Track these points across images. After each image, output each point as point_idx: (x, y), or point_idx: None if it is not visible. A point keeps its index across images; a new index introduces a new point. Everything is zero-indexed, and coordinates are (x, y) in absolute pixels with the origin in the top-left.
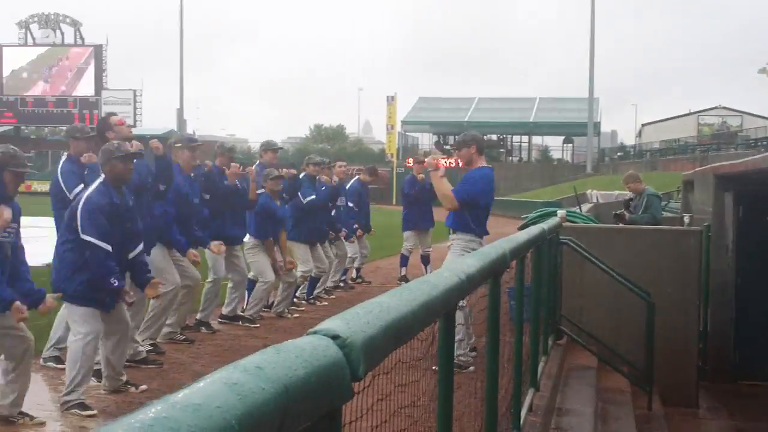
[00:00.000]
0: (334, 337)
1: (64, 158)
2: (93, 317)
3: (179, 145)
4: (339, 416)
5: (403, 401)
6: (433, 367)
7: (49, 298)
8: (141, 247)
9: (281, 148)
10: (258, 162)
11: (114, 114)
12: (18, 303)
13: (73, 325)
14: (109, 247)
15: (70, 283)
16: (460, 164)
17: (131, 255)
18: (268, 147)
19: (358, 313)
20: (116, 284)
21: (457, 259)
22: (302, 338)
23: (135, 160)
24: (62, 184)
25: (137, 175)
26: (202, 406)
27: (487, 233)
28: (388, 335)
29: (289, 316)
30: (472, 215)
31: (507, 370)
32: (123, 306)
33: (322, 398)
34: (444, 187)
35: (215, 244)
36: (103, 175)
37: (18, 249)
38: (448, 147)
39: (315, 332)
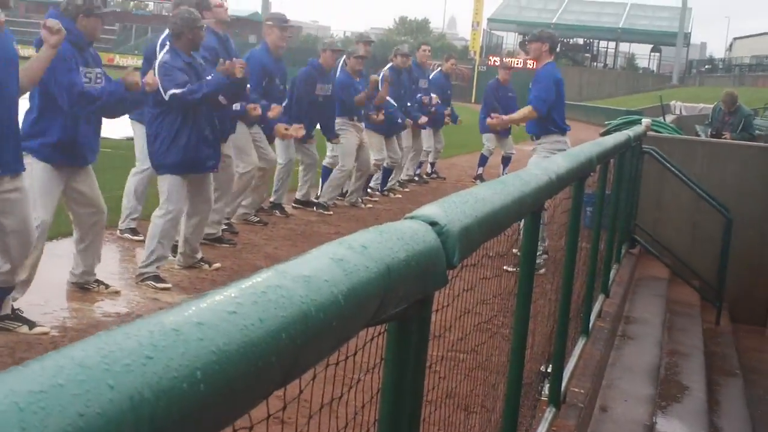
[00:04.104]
0: (432, 224)
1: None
2: (179, 193)
3: (270, 23)
4: (431, 302)
5: (485, 295)
6: (505, 267)
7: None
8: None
9: (373, 42)
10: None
11: None
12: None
13: (161, 198)
14: (195, 86)
15: (168, 156)
16: (529, 57)
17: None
18: (361, 39)
19: (455, 202)
20: (216, 78)
21: (547, 159)
22: (402, 222)
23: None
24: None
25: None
26: (312, 278)
27: (568, 128)
28: (481, 226)
29: (363, 205)
30: (550, 117)
31: (580, 275)
32: (210, 186)
33: (419, 282)
34: (522, 115)
35: (296, 127)
36: (169, 43)
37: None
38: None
39: (413, 217)
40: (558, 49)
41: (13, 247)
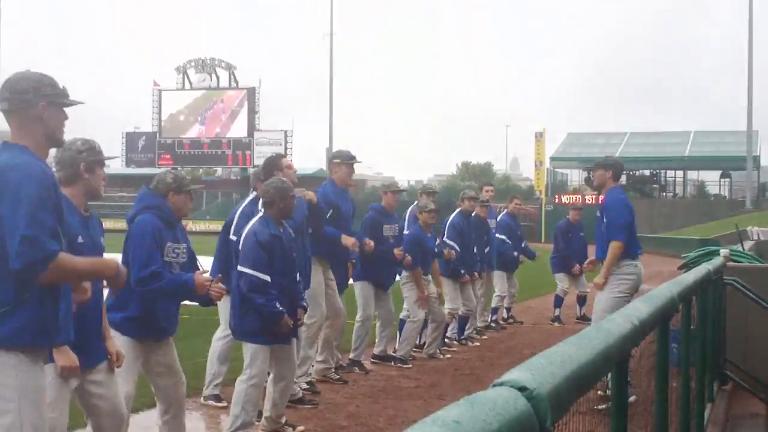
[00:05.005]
0: (522, 389)
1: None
2: (263, 358)
3: (337, 160)
4: None
5: None
6: (598, 407)
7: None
8: (298, 276)
9: (437, 192)
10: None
11: (284, 156)
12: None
13: (245, 363)
14: (267, 278)
15: (246, 321)
16: (594, 184)
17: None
18: (425, 190)
19: (542, 363)
20: (281, 308)
21: (627, 306)
22: (491, 390)
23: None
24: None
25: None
26: None
27: (641, 251)
28: (571, 385)
29: (441, 356)
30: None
31: (673, 418)
32: (294, 349)
33: None
34: (613, 257)
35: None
36: (262, 210)
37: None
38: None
39: (502, 384)
40: (623, 179)
41: (107, 428)
